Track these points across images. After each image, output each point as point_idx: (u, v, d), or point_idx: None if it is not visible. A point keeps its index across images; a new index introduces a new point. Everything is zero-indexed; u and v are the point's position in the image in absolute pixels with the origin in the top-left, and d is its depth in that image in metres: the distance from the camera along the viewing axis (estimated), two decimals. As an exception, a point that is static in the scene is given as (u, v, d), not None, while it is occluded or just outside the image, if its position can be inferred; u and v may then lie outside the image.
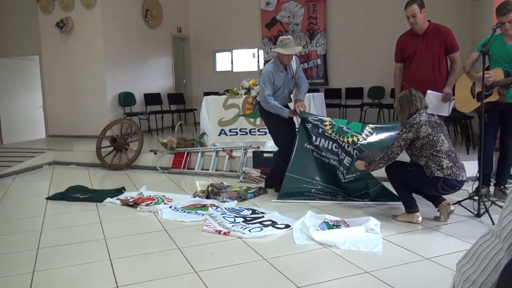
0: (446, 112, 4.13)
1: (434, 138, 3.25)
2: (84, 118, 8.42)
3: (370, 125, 4.12)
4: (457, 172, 3.22)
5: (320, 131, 4.28)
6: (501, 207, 3.64)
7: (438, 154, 3.23)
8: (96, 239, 3.28)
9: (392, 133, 4.01)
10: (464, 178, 3.28)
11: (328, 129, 4.18)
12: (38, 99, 9.50)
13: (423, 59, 4.17)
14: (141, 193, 4.53)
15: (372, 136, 4.00)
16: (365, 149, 3.91)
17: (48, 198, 4.60)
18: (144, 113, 8.65)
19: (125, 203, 4.25)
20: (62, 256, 2.96)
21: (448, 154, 3.24)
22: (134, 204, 4.17)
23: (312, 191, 4.21)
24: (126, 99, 8.59)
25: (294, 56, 4.37)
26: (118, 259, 2.86)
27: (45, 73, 8.77)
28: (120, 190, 4.76)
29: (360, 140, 3.98)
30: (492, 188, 4.14)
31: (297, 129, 4.49)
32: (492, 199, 3.74)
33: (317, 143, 4.28)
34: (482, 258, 0.69)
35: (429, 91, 4.10)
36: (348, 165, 4.09)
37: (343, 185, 4.17)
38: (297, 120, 4.57)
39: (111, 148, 6.34)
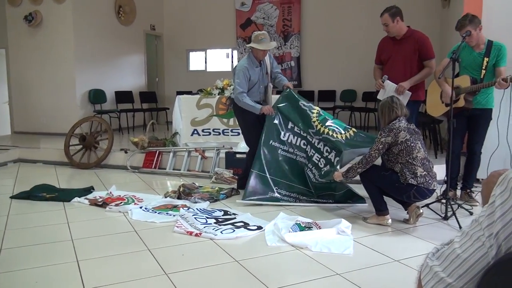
0: None
1: (412, 145, 3.32)
2: (52, 115, 8.19)
3: (354, 129, 4.16)
4: (429, 181, 3.29)
5: (289, 126, 4.29)
6: (467, 210, 3.76)
7: (414, 161, 3.29)
8: (63, 240, 3.18)
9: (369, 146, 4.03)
10: (435, 188, 3.37)
11: (314, 116, 4.19)
12: (3, 94, 9.16)
13: (396, 64, 4.26)
14: (110, 192, 4.44)
15: (351, 140, 4.02)
16: (340, 147, 3.92)
17: (13, 197, 4.43)
18: (115, 111, 8.48)
19: (94, 203, 4.15)
20: (27, 258, 2.86)
21: (423, 162, 3.31)
22: (103, 204, 4.08)
23: (275, 189, 4.17)
24: (96, 96, 8.41)
25: (267, 51, 4.38)
26: (85, 261, 2.78)
27: (12, 67, 8.49)
28: (89, 190, 4.65)
29: (339, 138, 4.00)
30: (458, 192, 4.25)
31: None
32: (459, 202, 3.85)
33: (285, 138, 4.29)
34: (460, 262, 0.68)
35: (387, 80, 4.21)
36: (316, 162, 4.12)
37: (311, 184, 4.18)
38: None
39: (80, 146, 6.19)
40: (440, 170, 4.27)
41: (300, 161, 4.27)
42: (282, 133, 4.30)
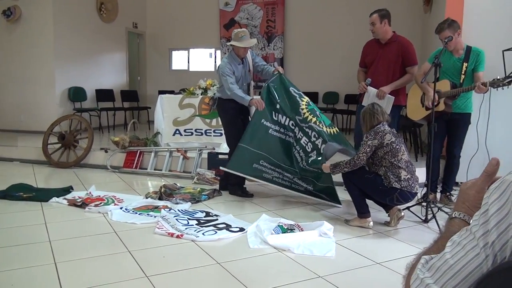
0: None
1: (397, 147, 3.36)
2: (30, 113, 8.03)
3: (337, 129, 4.19)
4: (412, 185, 3.33)
5: (278, 106, 4.27)
6: (447, 213, 3.80)
7: (399, 163, 3.33)
8: (40, 241, 3.10)
9: (348, 148, 4.08)
10: (418, 191, 3.42)
11: (303, 104, 4.21)
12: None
13: (379, 68, 4.30)
14: (90, 193, 4.35)
15: (334, 135, 4.08)
16: (324, 137, 3.96)
17: (-12, 197, 4.32)
18: (95, 110, 8.36)
19: (73, 203, 4.07)
20: (2, 259, 2.78)
21: (407, 165, 3.35)
22: (82, 204, 4.00)
23: (260, 162, 4.19)
24: (76, 94, 8.28)
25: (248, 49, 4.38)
26: (63, 263, 2.72)
27: (-11, 63, 8.29)
28: (67, 190, 4.55)
29: (323, 130, 4.05)
30: (438, 195, 4.31)
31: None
32: (439, 205, 3.90)
33: (276, 118, 4.28)
34: (453, 273, 0.67)
35: (369, 87, 4.27)
36: (304, 145, 4.12)
37: (297, 165, 4.17)
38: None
39: (59, 145, 6.07)
40: (420, 173, 4.31)
41: (289, 141, 4.27)
42: (274, 112, 4.27)
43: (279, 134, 4.29)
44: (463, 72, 3.94)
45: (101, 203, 4.03)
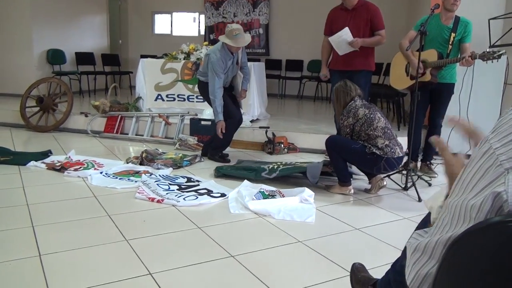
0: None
1: (371, 116, 3.37)
2: (6, 75, 7.77)
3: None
4: (392, 150, 3.32)
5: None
6: (426, 181, 3.85)
7: (375, 132, 3.32)
8: (18, 205, 3.05)
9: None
10: (401, 154, 3.39)
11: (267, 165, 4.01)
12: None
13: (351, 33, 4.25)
14: (69, 157, 4.28)
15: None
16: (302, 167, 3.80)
17: (-37, 160, 4.21)
18: (75, 73, 8.15)
19: (51, 167, 3.99)
20: (-22, 222, 2.73)
21: (384, 131, 3.34)
22: (61, 168, 3.93)
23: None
24: (55, 56, 8.03)
25: None
26: (41, 226, 2.68)
27: (-38, 22, 7.94)
28: (46, 154, 4.46)
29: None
30: (419, 163, 4.35)
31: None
32: (419, 174, 3.94)
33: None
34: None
35: (347, 29, 4.21)
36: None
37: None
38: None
39: (37, 109, 5.91)
40: (402, 142, 4.34)
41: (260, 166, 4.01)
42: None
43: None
44: (450, 43, 3.91)
45: (80, 167, 3.97)
